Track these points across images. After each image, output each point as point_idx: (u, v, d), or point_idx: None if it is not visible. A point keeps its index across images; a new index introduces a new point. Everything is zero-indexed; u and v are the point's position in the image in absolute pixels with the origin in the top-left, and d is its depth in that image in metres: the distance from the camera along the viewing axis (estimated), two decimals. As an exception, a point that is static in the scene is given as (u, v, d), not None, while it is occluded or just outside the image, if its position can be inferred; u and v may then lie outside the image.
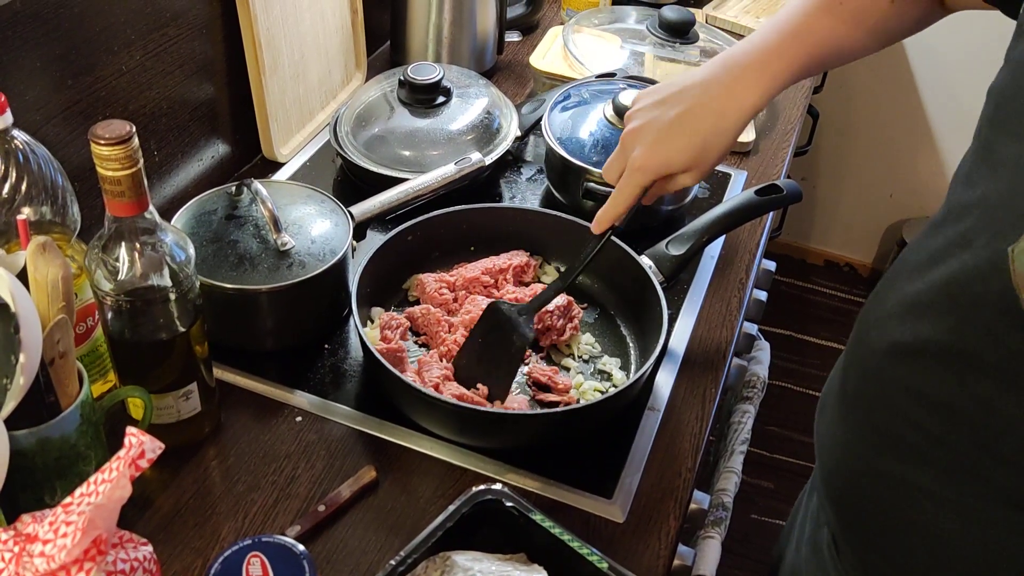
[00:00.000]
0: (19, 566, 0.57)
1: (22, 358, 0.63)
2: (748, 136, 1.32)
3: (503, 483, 0.78)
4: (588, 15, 1.49)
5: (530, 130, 1.24)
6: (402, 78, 1.18)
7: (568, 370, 0.96)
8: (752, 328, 1.20)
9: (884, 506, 0.71)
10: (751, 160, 1.32)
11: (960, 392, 0.63)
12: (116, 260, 0.72)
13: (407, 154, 1.15)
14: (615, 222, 0.90)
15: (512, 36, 1.57)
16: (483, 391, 0.89)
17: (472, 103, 1.20)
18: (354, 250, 0.99)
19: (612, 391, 0.89)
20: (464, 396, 0.88)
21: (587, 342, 0.99)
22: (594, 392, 0.93)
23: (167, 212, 0.94)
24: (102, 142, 0.66)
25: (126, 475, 0.56)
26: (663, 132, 0.85)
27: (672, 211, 1.16)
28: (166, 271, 0.74)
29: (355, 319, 0.88)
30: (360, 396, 0.92)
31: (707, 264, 1.12)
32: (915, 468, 0.68)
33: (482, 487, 0.72)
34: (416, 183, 1.08)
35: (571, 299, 0.99)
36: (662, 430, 0.91)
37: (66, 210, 0.79)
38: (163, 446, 0.58)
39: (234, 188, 0.97)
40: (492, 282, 1.01)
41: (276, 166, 1.22)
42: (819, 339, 2.43)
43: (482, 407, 0.85)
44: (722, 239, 1.13)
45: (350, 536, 0.80)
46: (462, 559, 0.68)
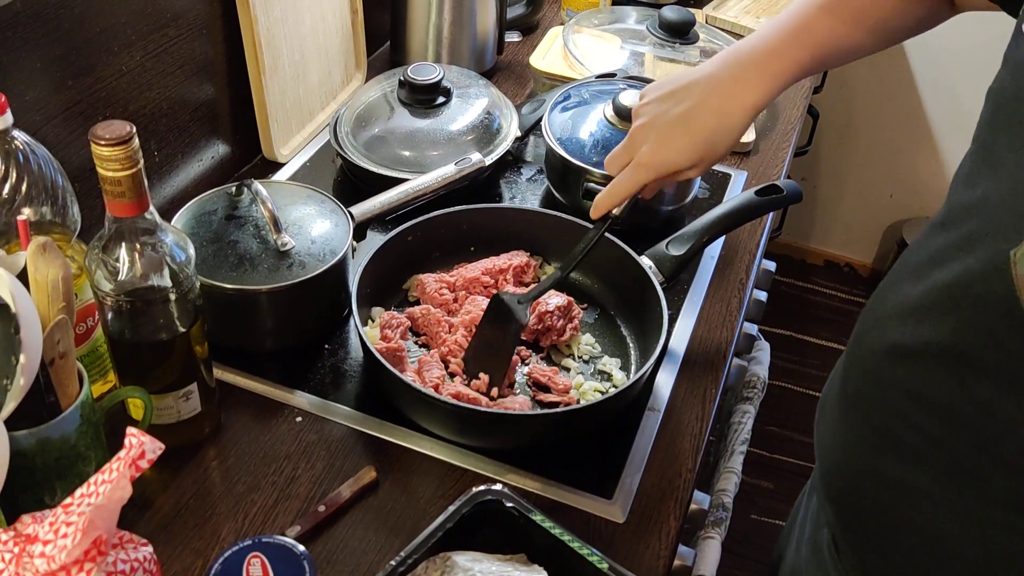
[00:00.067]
0: (19, 567, 0.57)
1: (22, 358, 0.63)
2: (748, 136, 1.32)
3: (503, 483, 0.78)
4: (588, 15, 1.49)
5: (530, 130, 1.24)
6: (402, 78, 1.18)
7: (568, 370, 0.96)
8: (752, 328, 1.20)
9: (884, 507, 0.71)
10: (751, 160, 1.32)
11: (960, 394, 0.63)
12: (116, 260, 0.72)
13: (407, 154, 1.15)
14: (613, 208, 0.91)
15: (512, 36, 1.57)
16: (484, 380, 0.90)
17: (472, 103, 1.20)
18: (354, 250, 0.99)
19: (612, 391, 0.89)
20: (463, 396, 0.88)
21: (587, 342, 0.99)
22: (594, 392, 0.93)
23: (167, 212, 0.94)
24: (102, 143, 0.66)
25: (126, 476, 0.56)
26: (668, 130, 0.86)
27: (672, 211, 1.16)
28: (166, 271, 0.74)
29: (355, 319, 0.88)
30: (360, 396, 0.92)
31: (707, 264, 1.12)
32: (915, 469, 0.68)
33: (482, 487, 0.72)
34: (416, 183, 1.08)
35: (571, 299, 0.99)
36: (662, 430, 0.91)
37: (66, 210, 0.79)
38: (163, 447, 0.58)
39: (234, 188, 0.97)
40: (492, 282, 1.01)
41: (276, 166, 1.22)
42: (819, 339, 2.43)
43: (482, 407, 0.85)
44: (722, 239, 1.13)
45: (350, 536, 0.80)
46: (462, 559, 0.68)
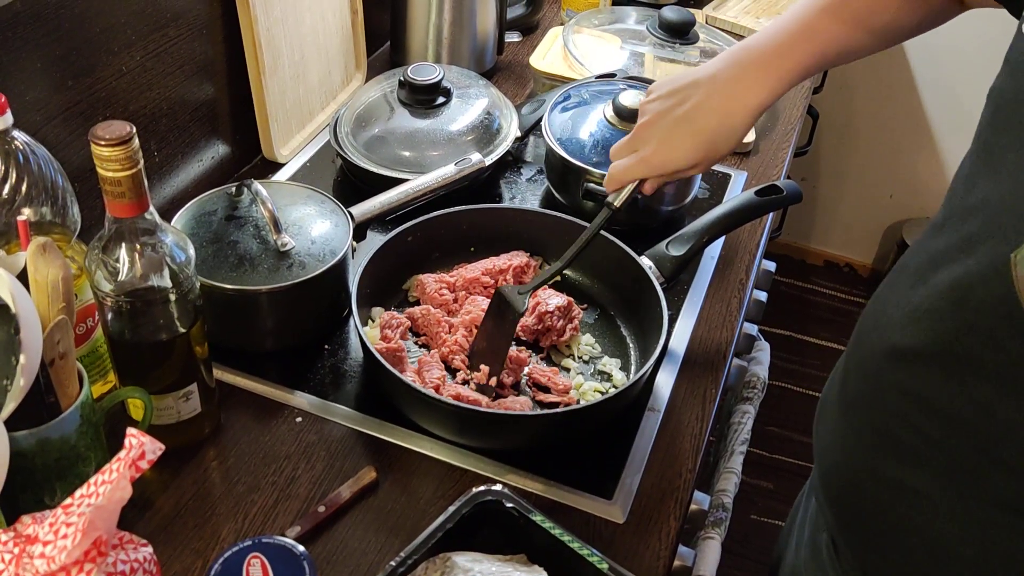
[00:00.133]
0: (19, 567, 0.57)
1: (22, 359, 0.63)
2: (748, 137, 1.32)
3: (503, 484, 0.78)
4: (588, 15, 1.49)
5: (530, 131, 1.24)
6: (402, 79, 1.18)
7: (568, 371, 0.96)
8: (752, 328, 1.20)
9: (883, 508, 0.71)
10: (751, 160, 1.32)
11: (960, 396, 0.63)
12: (116, 261, 0.72)
13: (407, 155, 1.15)
14: (611, 191, 0.92)
15: (512, 36, 1.57)
16: (485, 371, 0.91)
17: (472, 104, 1.20)
18: (354, 251, 0.99)
19: (612, 392, 0.89)
20: (463, 397, 0.88)
21: (587, 343, 0.99)
22: (594, 393, 0.93)
23: (167, 212, 0.94)
24: (102, 143, 0.66)
25: (126, 476, 0.56)
26: (671, 129, 0.87)
27: (672, 211, 1.16)
28: (166, 272, 0.74)
29: (355, 319, 0.88)
30: (360, 397, 0.92)
31: (707, 265, 1.12)
32: (914, 470, 0.68)
33: (482, 488, 0.72)
34: (416, 184, 1.08)
35: (571, 300, 0.99)
36: (662, 431, 0.91)
37: (66, 211, 0.79)
38: (163, 447, 0.58)
39: (234, 189, 0.97)
40: (492, 283, 1.01)
41: (276, 167, 1.22)
42: (819, 339, 2.43)
43: (482, 408, 0.85)
44: (722, 240, 1.13)
45: (350, 537, 0.80)
46: (462, 560, 0.68)
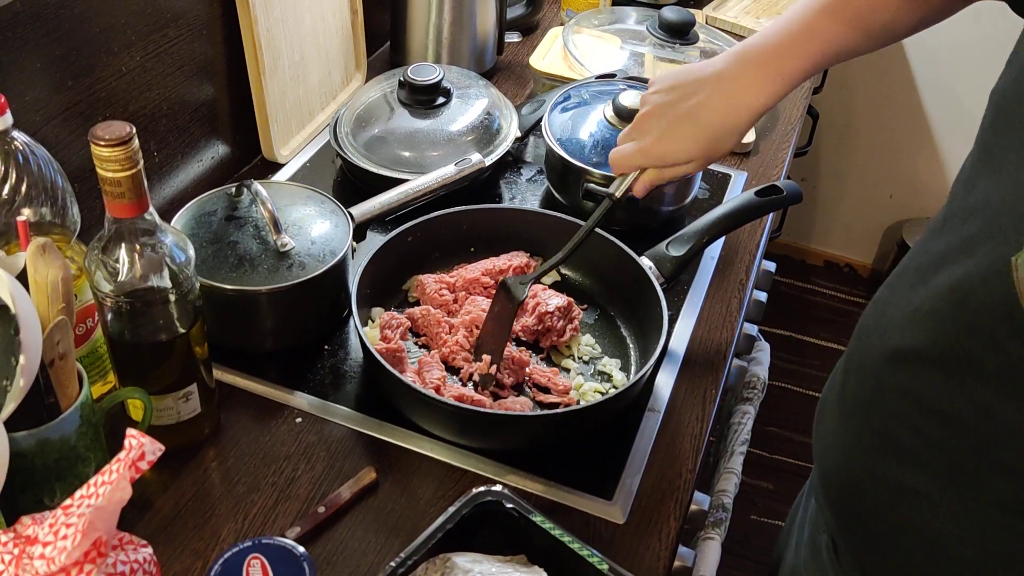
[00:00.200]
0: (19, 568, 0.57)
1: (22, 360, 0.63)
2: (748, 137, 1.32)
3: (503, 484, 0.78)
4: (588, 16, 1.49)
5: (530, 131, 1.24)
6: (402, 79, 1.18)
7: (568, 371, 0.96)
8: (752, 329, 1.20)
9: (883, 509, 0.71)
10: (751, 161, 1.32)
11: (960, 397, 0.63)
12: (116, 261, 0.72)
13: (407, 155, 1.15)
14: (625, 173, 0.92)
15: (512, 37, 1.57)
16: (486, 361, 0.91)
17: (472, 104, 1.20)
18: (354, 251, 0.99)
19: (612, 392, 0.89)
20: (464, 397, 0.88)
21: (587, 343, 0.99)
22: (594, 393, 0.93)
23: (167, 213, 0.94)
24: (102, 143, 0.66)
25: (126, 477, 0.56)
26: (673, 124, 0.87)
27: (672, 212, 1.16)
28: (166, 272, 0.74)
29: (355, 320, 0.88)
30: (360, 397, 0.92)
31: (707, 265, 1.12)
32: (914, 472, 0.68)
33: (482, 488, 0.71)
34: (416, 184, 1.08)
35: (571, 300, 0.99)
36: (662, 431, 0.91)
37: (66, 211, 0.79)
38: (163, 448, 0.58)
39: (234, 189, 0.97)
40: (492, 283, 1.01)
41: (276, 167, 1.22)
42: (819, 340, 2.43)
43: (482, 408, 0.85)
44: (722, 240, 1.13)
45: (350, 538, 0.80)
46: (462, 561, 0.68)
